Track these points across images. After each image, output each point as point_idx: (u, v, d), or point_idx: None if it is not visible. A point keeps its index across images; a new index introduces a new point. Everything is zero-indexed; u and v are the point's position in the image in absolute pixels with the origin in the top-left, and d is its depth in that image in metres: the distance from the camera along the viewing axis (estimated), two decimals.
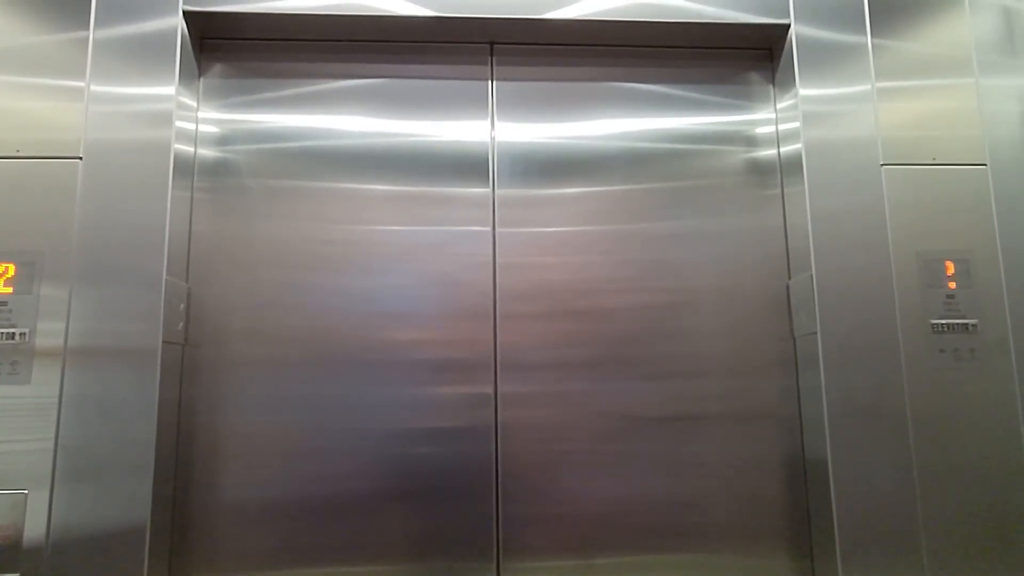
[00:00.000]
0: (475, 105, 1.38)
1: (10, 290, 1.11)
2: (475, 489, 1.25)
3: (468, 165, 1.36)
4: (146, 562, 1.06)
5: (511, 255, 1.33)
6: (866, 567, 1.14)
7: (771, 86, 1.43)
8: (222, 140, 1.34)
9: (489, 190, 1.35)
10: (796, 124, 1.31)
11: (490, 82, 1.40)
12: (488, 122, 1.38)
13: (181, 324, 1.23)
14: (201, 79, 1.36)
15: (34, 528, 1.03)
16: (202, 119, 1.34)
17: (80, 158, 1.16)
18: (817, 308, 1.22)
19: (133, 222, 1.16)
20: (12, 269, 1.11)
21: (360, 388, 1.26)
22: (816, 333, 1.22)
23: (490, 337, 1.29)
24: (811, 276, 1.24)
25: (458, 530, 1.23)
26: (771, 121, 1.42)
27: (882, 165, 1.26)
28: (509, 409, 1.28)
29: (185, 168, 1.28)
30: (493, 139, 1.37)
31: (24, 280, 1.11)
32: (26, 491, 1.04)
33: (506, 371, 1.29)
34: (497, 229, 1.34)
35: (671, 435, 1.29)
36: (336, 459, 1.24)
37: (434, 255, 1.32)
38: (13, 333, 1.09)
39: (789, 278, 1.36)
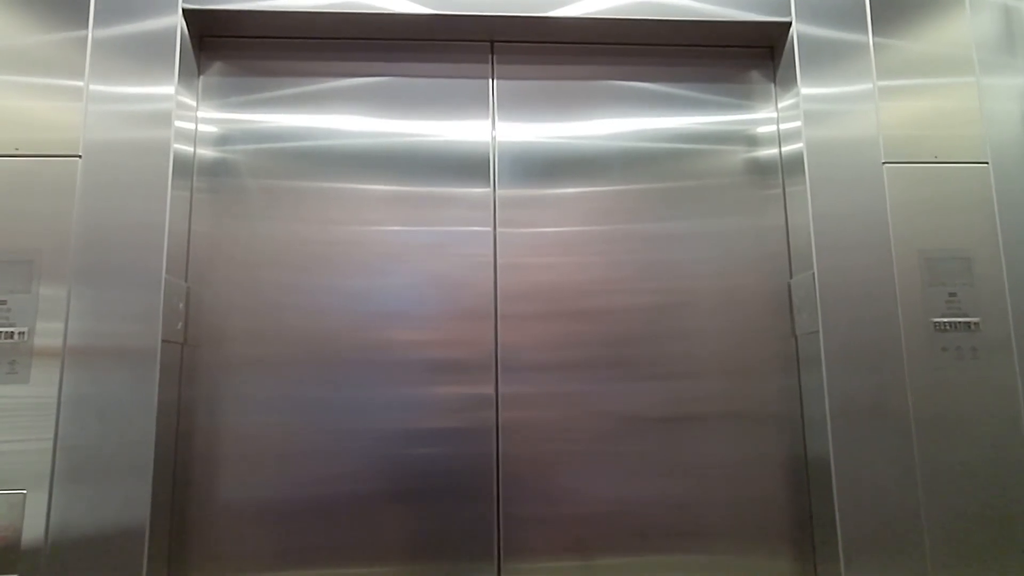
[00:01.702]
0: (476, 104, 1.38)
1: (9, 288, 1.10)
2: (476, 490, 1.24)
3: (469, 165, 1.35)
4: (145, 563, 1.05)
5: (512, 255, 1.32)
6: (869, 567, 1.14)
7: (772, 85, 1.43)
8: (221, 140, 1.33)
9: (490, 190, 1.35)
10: (798, 123, 1.31)
11: (491, 80, 1.40)
12: (489, 121, 1.38)
13: (180, 323, 1.23)
14: (201, 77, 1.35)
15: (33, 528, 1.02)
16: (201, 119, 1.34)
17: (79, 156, 1.15)
18: (819, 307, 1.22)
19: (132, 221, 1.15)
20: (10, 267, 1.11)
21: (360, 389, 1.25)
22: (818, 332, 1.21)
23: (491, 338, 1.29)
24: (812, 275, 1.23)
25: (459, 531, 1.23)
26: (772, 120, 1.42)
27: (883, 163, 1.26)
28: (510, 410, 1.27)
29: (184, 168, 1.27)
30: (494, 139, 1.37)
31: (23, 279, 1.11)
32: (25, 491, 1.03)
33: (507, 372, 1.28)
34: (498, 229, 1.33)
35: (672, 435, 1.28)
36: (336, 460, 1.23)
37: (434, 255, 1.31)
38: (12, 332, 1.09)
39: (790, 277, 1.35)
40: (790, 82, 1.36)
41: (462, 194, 1.34)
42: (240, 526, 1.20)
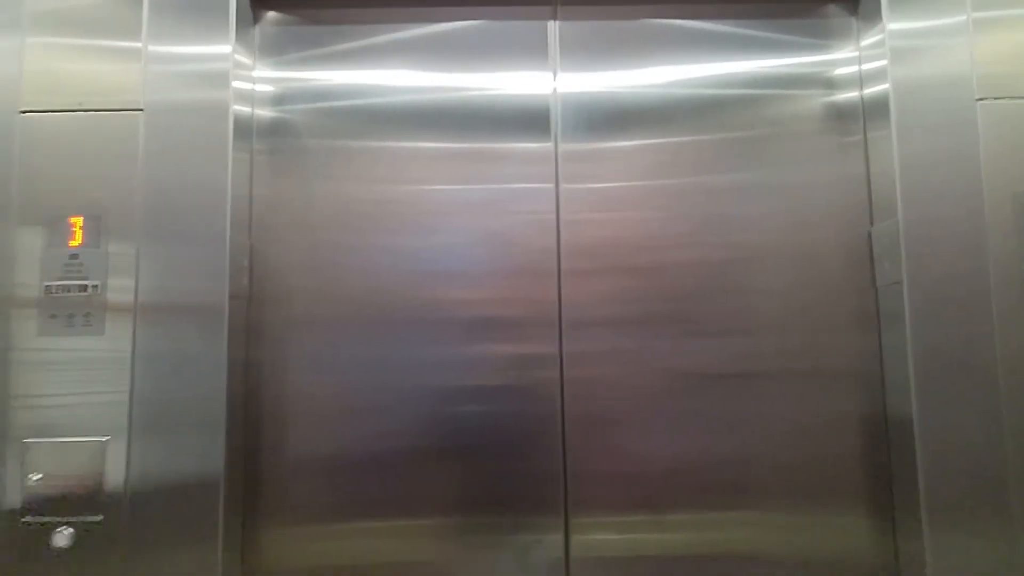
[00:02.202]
0: (536, 51, 1.33)
1: (80, 242, 1.11)
2: (540, 446, 1.23)
3: (529, 118, 1.31)
4: (221, 512, 1.06)
5: (574, 211, 1.28)
6: (952, 528, 1.09)
7: (853, 20, 1.34)
8: (278, 99, 1.31)
9: (551, 144, 1.31)
10: (883, 62, 1.23)
11: (553, 23, 1.34)
12: (550, 72, 1.33)
13: (245, 280, 1.22)
14: (256, 28, 1.33)
15: (114, 475, 1.04)
16: (258, 78, 1.32)
17: (141, 110, 1.14)
18: (903, 256, 1.15)
19: (195, 181, 1.14)
20: (80, 221, 1.11)
21: (426, 348, 1.24)
22: (901, 283, 1.15)
23: (555, 295, 1.26)
24: (896, 222, 1.17)
25: (525, 486, 1.21)
26: (853, 60, 1.33)
27: (977, 100, 1.18)
28: (574, 367, 1.24)
29: (243, 129, 1.26)
30: (555, 90, 1.32)
31: (92, 234, 1.11)
32: (105, 438, 1.05)
33: (571, 329, 1.25)
34: (560, 185, 1.29)
35: (742, 393, 1.24)
36: (401, 417, 1.22)
37: (496, 213, 1.28)
38: (85, 285, 1.09)
39: (871, 225, 1.29)
40: (874, 17, 1.27)
41: (523, 149, 1.30)
42: (308, 480, 1.20)
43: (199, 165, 1.15)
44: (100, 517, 1.03)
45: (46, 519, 1.02)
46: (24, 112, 1.14)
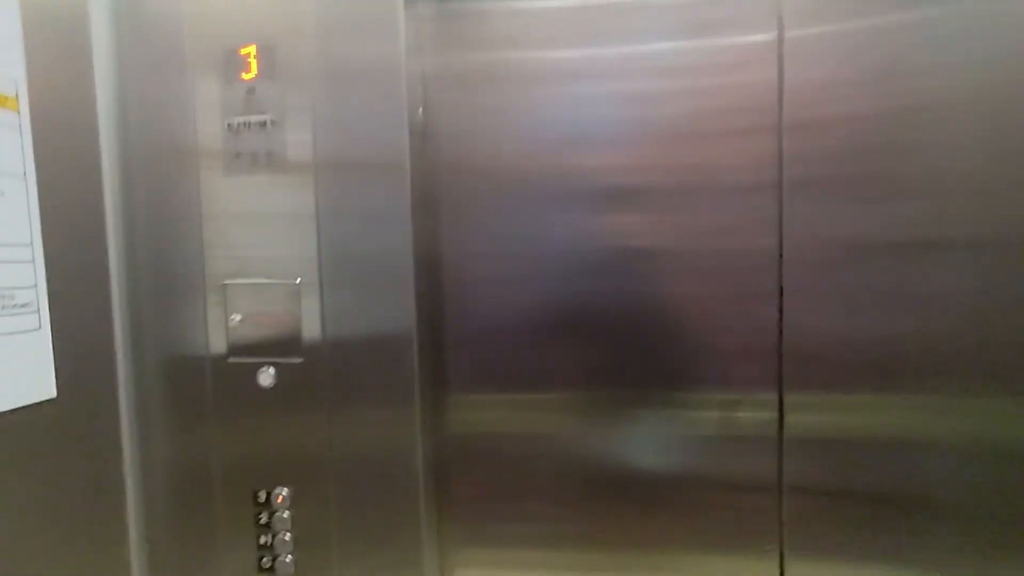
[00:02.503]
0: None
1: (255, 74, 1.01)
2: (755, 320, 1.07)
3: None
4: (416, 369, 1.00)
5: (799, 58, 1.03)
6: None
7: None
8: None
9: None
10: None
11: None
12: None
13: (420, 141, 1.10)
14: None
15: (310, 321, 1.01)
16: None
17: None
18: None
19: (366, 37, 1.01)
20: (254, 50, 1.01)
21: (623, 217, 1.09)
22: None
23: (776, 152, 1.04)
24: None
25: (737, 362, 1.08)
26: None
27: None
28: (794, 235, 1.05)
29: None
30: None
31: (267, 65, 1.01)
32: (298, 280, 1.00)
33: (793, 192, 1.04)
34: (785, 33, 1.03)
35: (974, 267, 1.00)
36: (598, 289, 1.09)
37: (706, 70, 1.05)
38: (265, 121, 1.01)
39: None
40: None
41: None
42: (495, 346, 1.12)
43: (369, 20, 1.01)
44: (300, 360, 1.01)
45: (249, 360, 1.01)
46: None
